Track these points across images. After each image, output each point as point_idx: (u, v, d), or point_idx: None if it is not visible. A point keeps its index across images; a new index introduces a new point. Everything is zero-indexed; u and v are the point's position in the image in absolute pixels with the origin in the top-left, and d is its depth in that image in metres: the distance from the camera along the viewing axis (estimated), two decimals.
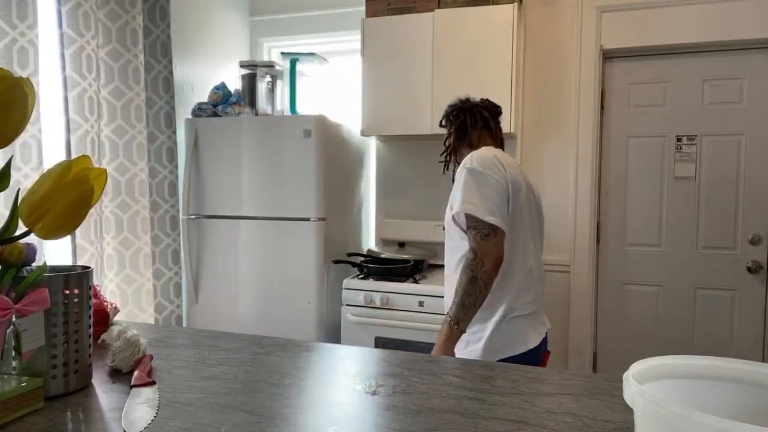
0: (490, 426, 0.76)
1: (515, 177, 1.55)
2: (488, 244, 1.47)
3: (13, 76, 0.73)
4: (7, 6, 1.86)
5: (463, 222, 1.54)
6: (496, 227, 1.47)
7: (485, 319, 1.55)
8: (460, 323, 1.47)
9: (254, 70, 2.85)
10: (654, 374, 0.65)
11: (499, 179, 1.51)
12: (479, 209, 1.47)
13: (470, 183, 1.50)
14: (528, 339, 1.56)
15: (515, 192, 1.54)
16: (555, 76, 2.79)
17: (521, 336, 1.55)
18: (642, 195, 2.77)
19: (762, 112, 2.58)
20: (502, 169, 1.53)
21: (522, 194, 1.56)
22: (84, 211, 0.81)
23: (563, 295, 2.81)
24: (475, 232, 1.48)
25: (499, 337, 1.53)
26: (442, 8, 2.59)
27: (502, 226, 1.48)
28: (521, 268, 1.57)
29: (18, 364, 0.84)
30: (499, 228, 1.48)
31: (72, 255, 2.16)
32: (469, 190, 1.49)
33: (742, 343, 2.63)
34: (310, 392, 0.88)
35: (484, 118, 1.73)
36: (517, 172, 1.59)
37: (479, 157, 1.54)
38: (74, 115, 2.17)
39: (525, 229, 1.58)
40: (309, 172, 2.50)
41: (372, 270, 2.56)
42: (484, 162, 1.52)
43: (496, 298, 1.54)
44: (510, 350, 1.53)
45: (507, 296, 1.55)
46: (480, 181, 1.50)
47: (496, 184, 1.50)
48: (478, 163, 1.52)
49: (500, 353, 1.53)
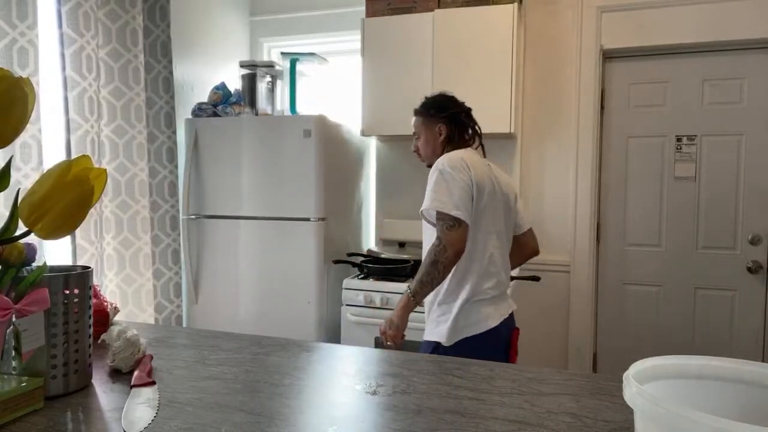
0: (490, 426, 0.76)
1: (481, 177, 1.75)
2: (452, 235, 1.66)
3: (13, 76, 0.73)
4: (7, 6, 1.86)
5: (432, 217, 1.75)
6: (460, 220, 1.66)
7: (451, 303, 1.75)
8: (416, 296, 1.71)
9: (254, 70, 2.85)
10: (654, 374, 0.65)
11: (465, 179, 1.70)
12: (446, 205, 1.67)
13: (440, 182, 1.70)
14: (489, 319, 1.75)
15: (480, 191, 1.73)
16: (555, 76, 2.79)
17: (483, 317, 1.74)
18: (642, 195, 2.77)
19: (762, 112, 2.58)
20: (468, 171, 1.72)
21: (486, 192, 1.76)
22: (84, 211, 0.81)
23: (563, 295, 2.81)
24: (442, 223, 1.69)
25: (463, 319, 1.73)
26: (441, 8, 2.58)
27: (466, 219, 1.67)
28: (483, 257, 1.76)
29: (18, 364, 0.84)
30: (463, 221, 1.67)
31: (72, 255, 2.16)
32: (438, 188, 1.70)
33: (742, 343, 2.63)
34: (310, 392, 0.88)
35: (464, 122, 1.90)
36: (484, 172, 1.78)
37: (449, 159, 1.74)
38: (74, 115, 2.17)
39: (488, 224, 1.78)
40: (309, 172, 2.50)
41: (372, 270, 2.56)
42: (453, 164, 1.72)
43: (461, 285, 1.74)
44: (473, 329, 1.73)
45: (470, 283, 1.74)
46: (448, 181, 1.69)
47: (462, 183, 1.69)
48: (447, 165, 1.72)
49: (465, 332, 1.73)
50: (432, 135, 1.90)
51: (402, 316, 1.74)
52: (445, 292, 1.76)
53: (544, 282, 2.81)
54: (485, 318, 1.74)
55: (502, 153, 2.83)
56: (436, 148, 1.90)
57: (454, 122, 1.88)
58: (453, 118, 1.88)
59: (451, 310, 1.74)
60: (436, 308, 1.78)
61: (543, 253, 2.84)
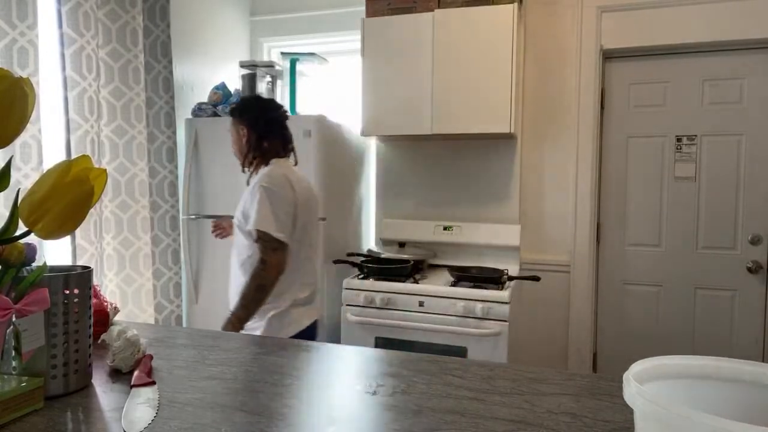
0: (490, 426, 0.76)
1: (301, 194, 1.84)
2: (276, 257, 1.74)
3: (13, 76, 0.73)
4: (7, 6, 1.86)
5: (253, 233, 1.77)
6: (283, 243, 1.76)
7: (266, 311, 1.81)
8: (241, 321, 1.75)
9: (254, 70, 2.85)
10: (654, 374, 0.65)
11: (288, 200, 1.79)
12: (271, 226, 1.73)
13: (265, 202, 1.75)
14: (300, 323, 1.86)
15: (302, 209, 1.83)
16: (555, 76, 2.79)
17: (294, 321, 1.85)
18: (642, 195, 2.77)
19: (762, 112, 2.58)
20: (292, 190, 1.80)
21: (306, 209, 1.86)
22: (84, 211, 0.81)
23: (563, 295, 2.81)
24: (267, 244, 1.74)
25: (277, 324, 1.81)
26: (442, 8, 2.58)
27: (288, 241, 1.77)
28: (299, 269, 1.85)
29: (18, 364, 0.84)
30: (286, 243, 1.76)
31: (72, 255, 2.16)
32: (263, 208, 1.74)
33: (742, 343, 2.63)
34: (310, 392, 0.88)
35: (278, 125, 1.95)
36: (304, 188, 1.88)
37: (272, 178, 1.80)
38: (74, 115, 2.17)
39: (305, 237, 1.87)
40: (309, 172, 2.50)
41: (372, 270, 2.56)
42: (277, 183, 1.79)
43: (279, 295, 1.81)
44: (285, 333, 1.81)
45: (288, 293, 1.83)
46: (273, 200, 1.75)
47: (285, 205, 1.78)
48: (272, 183, 1.78)
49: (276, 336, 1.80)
50: (237, 136, 1.94)
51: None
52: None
53: (544, 282, 2.81)
54: (297, 321, 1.85)
55: (502, 153, 2.84)
56: (241, 148, 1.93)
57: (254, 127, 1.90)
58: (253, 122, 1.90)
59: (265, 318, 1.81)
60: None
61: (543, 253, 2.86)
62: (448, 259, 2.86)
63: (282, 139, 1.94)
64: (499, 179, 2.85)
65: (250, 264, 1.79)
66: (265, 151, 1.90)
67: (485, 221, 2.85)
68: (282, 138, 1.94)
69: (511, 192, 2.83)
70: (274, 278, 1.74)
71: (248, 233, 1.81)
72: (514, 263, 2.74)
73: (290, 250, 1.80)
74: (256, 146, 1.89)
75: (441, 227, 2.86)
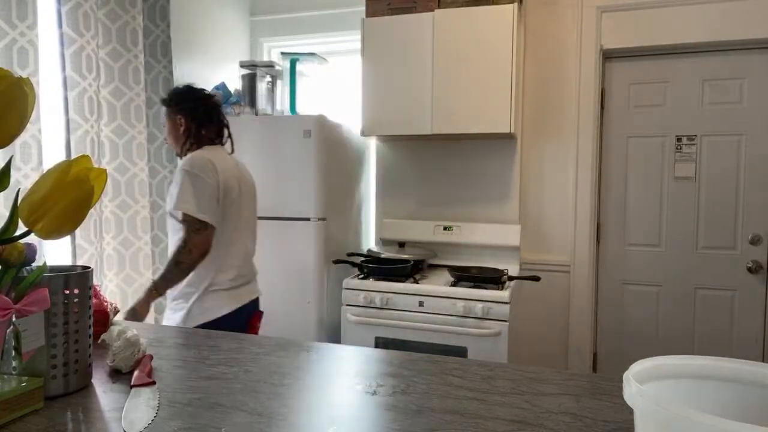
0: (490, 426, 0.76)
1: (227, 178, 1.84)
2: (198, 238, 1.76)
3: (13, 76, 0.73)
4: (7, 6, 1.86)
5: (179, 215, 1.81)
6: (206, 223, 1.77)
7: (189, 294, 1.84)
8: (158, 289, 1.82)
9: (254, 70, 2.85)
10: (654, 374, 0.65)
11: (211, 182, 1.79)
12: (192, 208, 1.75)
13: (186, 184, 1.77)
14: (224, 307, 1.85)
15: (226, 192, 1.83)
16: (555, 76, 2.79)
17: (218, 305, 1.85)
18: (642, 195, 2.77)
19: (762, 112, 2.58)
20: (215, 173, 1.80)
21: (233, 192, 1.86)
22: (84, 211, 0.81)
23: (563, 295, 2.81)
24: (188, 226, 1.77)
25: (197, 308, 1.83)
26: (442, 8, 2.58)
27: (212, 222, 1.78)
28: (225, 252, 1.87)
29: (18, 364, 0.84)
30: (209, 224, 1.77)
31: (72, 255, 2.16)
32: (184, 190, 1.77)
33: (742, 343, 2.63)
34: (310, 392, 0.88)
35: (216, 113, 1.97)
36: (231, 173, 1.87)
37: (195, 160, 1.80)
38: (74, 115, 2.17)
39: (234, 220, 1.88)
40: (309, 172, 2.50)
41: (372, 270, 2.56)
42: (200, 165, 1.79)
43: (201, 278, 1.83)
44: (206, 317, 1.83)
45: (209, 275, 1.84)
46: (194, 182, 1.77)
47: (208, 186, 1.78)
48: (194, 167, 1.78)
49: (198, 319, 1.83)
50: (173, 125, 1.95)
51: (144, 305, 1.83)
52: (185, 284, 1.85)
53: (544, 282, 2.81)
54: (219, 306, 1.85)
55: (502, 153, 2.84)
56: (177, 138, 1.95)
57: (192, 116, 1.92)
58: (191, 111, 1.92)
59: (188, 300, 1.84)
60: (174, 298, 1.89)
61: (543, 253, 2.86)
62: (448, 259, 2.86)
63: (218, 125, 1.97)
64: (499, 179, 2.85)
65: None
66: (201, 138, 1.92)
67: (485, 221, 2.85)
68: (218, 125, 1.97)
69: (511, 192, 2.83)
70: (196, 258, 1.77)
71: (174, 218, 1.85)
72: (514, 263, 2.74)
73: (214, 232, 1.82)
74: (195, 134, 1.92)
75: (441, 227, 2.86)
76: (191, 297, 1.85)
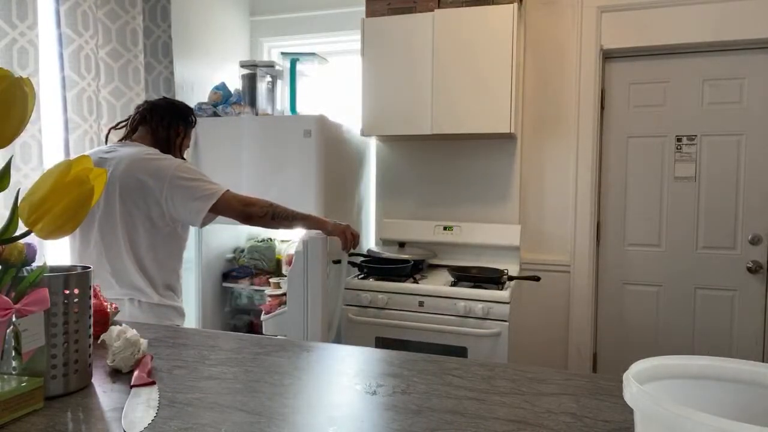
0: (490, 426, 0.76)
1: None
2: (231, 194, 1.78)
3: (13, 76, 0.73)
4: (7, 6, 1.86)
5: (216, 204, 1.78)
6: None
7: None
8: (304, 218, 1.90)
9: (254, 70, 2.84)
10: (654, 374, 0.65)
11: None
12: (214, 185, 1.75)
13: (190, 182, 1.74)
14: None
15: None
16: (555, 76, 2.79)
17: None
18: (642, 195, 2.77)
19: (762, 112, 2.58)
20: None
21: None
22: (84, 211, 0.81)
23: (563, 295, 2.81)
24: (227, 199, 1.76)
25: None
26: (442, 8, 2.58)
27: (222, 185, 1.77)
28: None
29: (18, 364, 0.83)
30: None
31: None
32: (196, 186, 1.74)
33: (742, 343, 2.63)
34: (310, 392, 0.88)
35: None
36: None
37: (174, 161, 1.76)
38: (72, 115, 2.17)
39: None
40: (309, 172, 2.50)
41: (372, 270, 2.56)
42: (182, 165, 1.76)
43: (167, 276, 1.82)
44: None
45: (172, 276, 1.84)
46: (191, 176, 1.74)
47: (192, 170, 1.77)
48: (178, 168, 1.73)
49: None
50: (167, 134, 1.90)
51: (335, 227, 1.95)
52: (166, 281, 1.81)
53: (544, 282, 2.80)
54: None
55: (502, 153, 2.83)
56: (169, 147, 1.90)
57: (189, 128, 1.94)
58: (190, 124, 1.94)
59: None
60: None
61: (543, 253, 2.86)
62: (448, 259, 2.86)
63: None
64: (499, 179, 2.85)
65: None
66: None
67: (485, 221, 2.85)
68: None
69: (511, 192, 2.83)
70: (256, 206, 1.84)
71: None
72: (514, 263, 2.74)
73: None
74: (180, 145, 1.90)
75: (441, 227, 2.86)
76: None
